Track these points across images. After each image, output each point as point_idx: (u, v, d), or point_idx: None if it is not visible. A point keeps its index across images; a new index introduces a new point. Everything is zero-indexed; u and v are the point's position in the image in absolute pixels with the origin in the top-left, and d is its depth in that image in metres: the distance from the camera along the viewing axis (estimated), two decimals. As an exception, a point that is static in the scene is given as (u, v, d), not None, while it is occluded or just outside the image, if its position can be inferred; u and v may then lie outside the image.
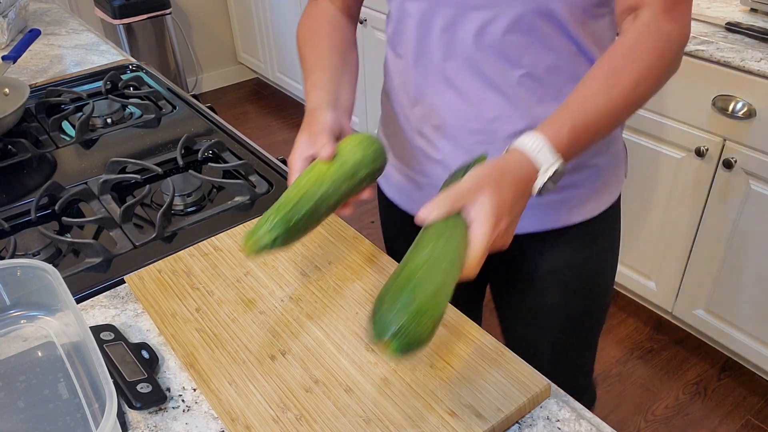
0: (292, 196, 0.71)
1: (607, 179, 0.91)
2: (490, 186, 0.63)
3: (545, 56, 0.79)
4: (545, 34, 0.77)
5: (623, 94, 0.70)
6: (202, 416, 0.68)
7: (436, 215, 0.63)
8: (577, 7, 0.76)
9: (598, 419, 0.67)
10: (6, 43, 1.64)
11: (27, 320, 0.77)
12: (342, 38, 0.91)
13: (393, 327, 0.56)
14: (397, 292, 0.58)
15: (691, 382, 1.86)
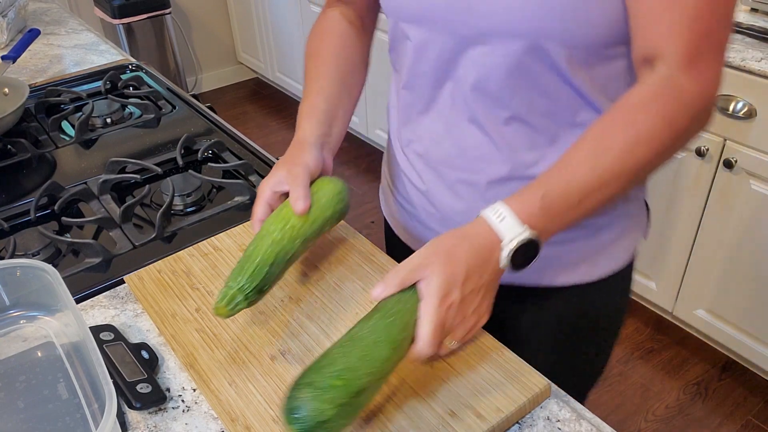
0: (265, 257, 0.72)
1: (609, 242, 0.81)
2: (439, 259, 0.61)
3: (538, 100, 0.71)
4: (538, 75, 0.69)
5: (613, 163, 0.63)
6: (202, 416, 0.68)
7: (386, 294, 0.62)
8: (577, 48, 0.66)
9: (598, 419, 0.67)
10: (5, 43, 1.64)
11: (27, 320, 0.77)
12: (348, 58, 0.88)
13: (293, 404, 0.55)
14: (309, 370, 0.57)
15: (692, 382, 1.86)
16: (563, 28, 0.64)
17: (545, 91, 0.70)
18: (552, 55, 0.66)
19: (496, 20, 0.66)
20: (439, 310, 0.60)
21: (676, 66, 0.62)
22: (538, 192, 0.63)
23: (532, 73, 0.69)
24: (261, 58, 3.53)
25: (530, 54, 0.67)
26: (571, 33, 0.64)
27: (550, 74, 0.69)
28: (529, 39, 0.66)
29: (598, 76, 0.69)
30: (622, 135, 0.63)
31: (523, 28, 0.65)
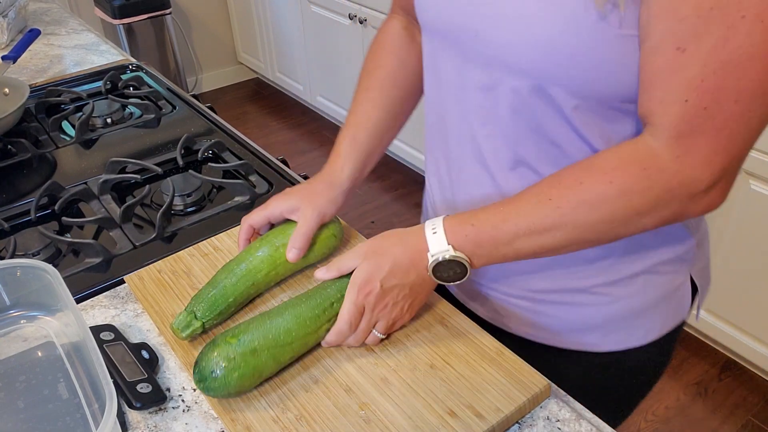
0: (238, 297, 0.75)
1: (626, 315, 0.75)
2: (371, 251, 0.69)
3: (545, 146, 0.67)
4: (544, 120, 0.65)
5: (548, 217, 0.61)
6: (202, 416, 0.68)
7: (327, 276, 0.71)
8: (586, 98, 0.61)
9: (598, 419, 0.67)
10: (6, 43, 1.64)
11: (27, 320, 0.77)
12: (402, 84, 0.84)
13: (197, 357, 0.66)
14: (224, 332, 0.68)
15: (692, 382, 1.86)
16: (570, 74, 0.59)
17: (552, 138, 0.66)
18: (558, 101, 0.62)
19: (500, 51, 0.62)
20: (359, 294, 0.68)
21: (661, 137, 0.57)
22: (471, 220, 0.65)
23: (538, 117, 0.65)
24: (261, 58, 3.53)
25: (535, 96, 0.63)
26: (579, 81, 0.59)
27: (557, 121, 0.64)
28: (534, 79, 0.62)
29: (611, 131, 0.64)
30: (565, 192, 0.61)
31: (528, 66, 0.61)
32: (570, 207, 0.60)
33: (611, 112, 0.62)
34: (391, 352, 0.72)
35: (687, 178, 0.57)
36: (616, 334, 0.77)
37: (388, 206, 2.69)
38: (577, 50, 0.57)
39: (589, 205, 0.60)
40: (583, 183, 0.60)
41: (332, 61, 2.93)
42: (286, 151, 3.08)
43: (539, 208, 0.62)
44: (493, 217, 0.64)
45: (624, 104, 0.61)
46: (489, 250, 0.65)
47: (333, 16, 2.78)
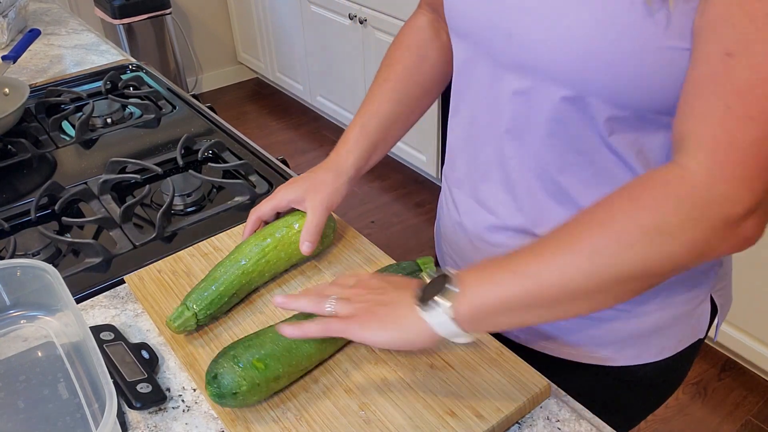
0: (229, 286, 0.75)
1: (643, 332, 0.73)
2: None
3: (573, 159, 0.64)
4: (576, 131, 0.62)
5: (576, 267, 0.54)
6: (202, 416, 0.68)
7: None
8: (623, 108, 0.58)
9: (598, 419, 0.67)
10: (6, 43, 1.64)
11: (27, 320, 0.77)
12: (419, 80, 0.83)
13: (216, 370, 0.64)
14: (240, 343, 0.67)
15: (691, 382, 1.86)
16: (606, 80, 0.56)
17: (579, 147, 0.63)
18: (592, 109, 0.59)
19: (535, 53, 0.59)
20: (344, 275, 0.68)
21: (696, 153, 0.51)
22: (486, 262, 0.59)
23: (570, 130, 0.62)
24: (261, 58, 3.53)
25: (568, 103, 0.60)
26: (618, 90, 0.56)
27: (590, 134, 0.61)
28: (568, 84, 0.58)
29: (649, 146, 0.61)
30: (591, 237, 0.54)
31: (563, 69, 0.58)
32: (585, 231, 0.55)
33: (644, 124, 0.60)
34: (392, 353, 0.72)
35: (720, 197, 0.51)
36: (631, 349, 0.75)
37: (388, 206, 2.69)
38: (616, 53, 0.54)
39: (603, 224, 0.54)
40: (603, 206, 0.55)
41: (332, 61, 2.93)
42: (286, 151, 3.08)
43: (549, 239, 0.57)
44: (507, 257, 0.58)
45: (657, 116, 0.59)
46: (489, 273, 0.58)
47: (333, 16, 2.78)
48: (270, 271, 0.80)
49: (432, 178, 2.76)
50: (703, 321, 0.76)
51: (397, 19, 2.41)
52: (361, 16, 2.59)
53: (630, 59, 0.54)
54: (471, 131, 0.73)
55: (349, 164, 0.82)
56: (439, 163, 2.60)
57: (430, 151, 2.59)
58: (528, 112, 0.64)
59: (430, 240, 2.49)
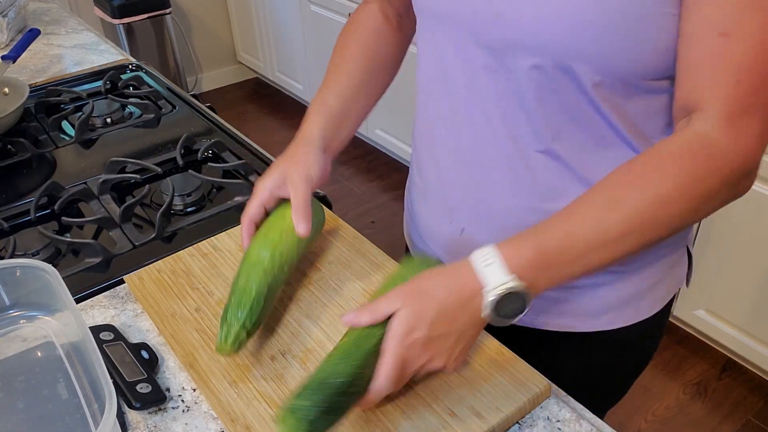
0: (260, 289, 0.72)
1: (639, 290, 0.76)
2: (412, 295, 0.59)
3: (566, 127, 0.65)
4: (566, 100, 0.63)
5: (622, 221, 0.57)
6: (202, 416, 0.68)
7: (357, 322, 0.61)
8: (610, 76, 0.60)
9: (598, 419, 0.67)
10: (5, 43, 1.64)
11: (26, 320, 0.76)
12: (374, 56, 0.84)
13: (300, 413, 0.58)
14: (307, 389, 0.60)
15: (692, 382, 1.86)
16: (596, 51, 0.58)
17: (572, 115, 0.65)
18: (580, 77, 0.61)
19: (523, 32, 0.61)
20: (401, 346, 0.58)
21: (714, 121, 0.56)
22: (533, 241, 0.59)
23: (558, 94, 0.63)
24: (261, 58, 3.53)
25: (558, 72, 0.61)
26: (606, 58, 0.59)
27: (578, 98, 0.63)
28: (556, 57, 0.60)
29: (633, 110, 0.64)
30: (637, 192, 0.58)
31: (552, 45, 0.60)
32: (643, 208, 0.57)
33: (628, 89, 0.62)
34: (391, 352, 0.72)
35: (744, 157, 0.57)
36: (628, 309, 0.77)
37: (388, 206, 2.69)
38: (608, 23, 0.57)
39: (662, 202, 0.57)
40: (651, 181, 0.58)
41: (332, 60, 2.93)
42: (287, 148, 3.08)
43: (608, 215, 0.58)
44: (557, 237, 0.59)
45: (641, 81, 0.61)
46: (554, 274, 0.59)
47: (333, 16, 2.78)
48: (287, 263, 0.76)
49: (432, 177, 2.76)
50: (683, 270, 0.80)
51: (397, 19, 2.41)
52: (361, 15, 2.59)
53: (621, 28, 0.57)
54: (454, 113, 0.72)
55: (315, 135, 0.79)
56: (439, 162, 2.60)
57: (430, 151, 2.58)
58: (515, 84, 0.65)
59: (430, 240, 2.49)
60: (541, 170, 0.69)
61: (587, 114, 0.64)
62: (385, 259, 0.86)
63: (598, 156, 0.67)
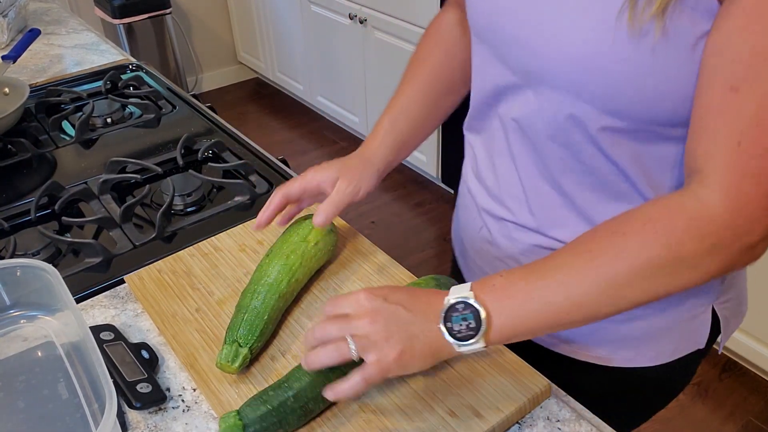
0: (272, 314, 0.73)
1: (643, 336, 0.74)
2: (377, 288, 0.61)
3: (574, 166, 0.65)
4: (574, 139, 0.63)
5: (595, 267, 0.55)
6: (202, 416, 0.68)
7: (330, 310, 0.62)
8: (612, 114, 0.58)
9: (598, 419, 0.67)
10: (6, 43, 1.64)
11: (27, 320, 0.76)
12: (447, 78, 0.83)
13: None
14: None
15: (692, 382, 1.86)
16: (604, 90, 0.57)
17: (580, 158, 0.64)
18: (587, 118, 0.60)
19: (537, 62, 0.60)
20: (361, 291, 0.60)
21: (711, 185, 0.53)
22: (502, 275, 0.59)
23: (569, 133, 0.63)
24: (261, 58, 3.53)
25: (567, 109, 0.61)
26: (613, 99, 0.57)
27: (586, 141, 0.62)
28: (566, 94, 0.59)
29: (643, 157, 0.62)
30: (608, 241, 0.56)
31: (561, 78, 0.59)
32: (609, 257, 0.55)
33: (641, 135, 0.60)
34: (392, 352, 0.72)
35: (742, 231, 0.52)
36: (626, 351, 0.75)
37: (388, 206, 2.69)
38: (610, 62, 0.55)
39: (629, 255, 0.54)
40: (625, 234, 0.55)
41: (332, 61, 2.93)
42: (286, 151, 3.08)
43: (575, 260, 0.56)
44: (524, 269, 0.59)
45: (654, 127, 0.59)
46: (515, 305, 0.57)
47: (333, 16, 2.78)
48: (297, 289, 0.79)
49: (432, 178, 2.76)
50: (702, 332, 0.76)
51: (397, 19, 2.41)
52: (361, 16, 2.59)
53: (622, 70, 0.55)
54: (488, 127, 0.74)
55: (379, 157, 0.81)
56: (439, 163, 2.60)
57: (430, 152, 2.59)
58: (532, 116, 0.65)
59: (430, 240, 2.49)
60: (548, 199, 0.69)
61: (596, 158, 0.63)
62: (385, 259, 0.86)
63: (606, 200, 0.66)
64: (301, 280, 0.78)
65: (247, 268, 0.85)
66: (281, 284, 0.75)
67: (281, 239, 0.81)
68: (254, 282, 0.75)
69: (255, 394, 0.64)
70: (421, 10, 2.29)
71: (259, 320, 0.71)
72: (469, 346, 0.57)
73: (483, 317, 0.56)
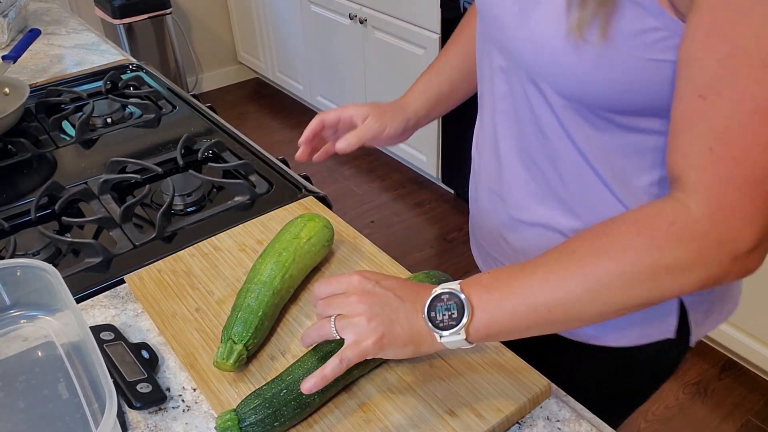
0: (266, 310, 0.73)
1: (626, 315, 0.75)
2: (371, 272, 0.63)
3: (542, 140, 0.68)
4: (540, 111, 0.67)
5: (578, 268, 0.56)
6: (202, 416, 0.68)
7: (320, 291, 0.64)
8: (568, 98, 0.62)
9: (598, 419, 0.67)
10: (6, 43, 1.64)
11: (27, 320, 0.77)
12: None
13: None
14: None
15: (692, 382, 1.86)
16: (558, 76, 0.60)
17: (546, 132, 0.67)
18: (549, 96, 0.64)
19: (508, 41, 0.65)
20: (353, 274, 0.61)
21: (690, 191, 0.53)
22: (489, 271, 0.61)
23: (534, 107, 0.67)
24: (261, 58, 3.53)
25: (531, 86, 0.65)
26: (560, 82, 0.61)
27: (549, 114, 0.65)
28: (528, 71, 0.64)
29: (599, 140, 0.64)
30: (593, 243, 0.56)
31: (523, 59, 0.64)
32: (592, 258, 0.55)
33: (599, 121, 0.62)
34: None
35: (725, 238, 0.52)
36: (590, 329, 0.76)
37: (388, 206, 2.69)
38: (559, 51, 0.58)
39: (612, 257, 0.54)
40: (610, 236, 0.56)
41: (332, 61, 2.93)
42: (286, 151, 3.08)
43: (561, 259, 0.57)
44: (514, 267, 0.59)
45: (610, 114, 0.61)
46: (499, 298, 0.58)
47: (333, 16, 2.78)
48: (293, 286, 0.79)
49: (432, 177, 2.76)
50: (668, 322, 0.75)
51: (397, 19, 2.41)
52: (361, 16, 2.59)
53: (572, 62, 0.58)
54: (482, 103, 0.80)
55: (411, 108, 0.87)
56: (439, 163, 2.60)
57: (430, 151, 2.59)
58: (506, 89, 0.71)
59: (430, 240, 2.49)
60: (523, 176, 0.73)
61: (557, 132, 0.66)
62: (385, 259, 0.86)
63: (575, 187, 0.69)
64: (296, 276, 0.79)
65: (247, 268, 0.86)
66: (274, 281, 0.75)
67: (275, 238, 0.82)
68: (248, 281, 0.76)
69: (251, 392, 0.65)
70: (421, 10, 2.29)
71: (253, 317, 0.72)
72: (450, 336, 0.57)
73: (466, 307, 0.57)
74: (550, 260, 0.58)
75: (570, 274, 0.56)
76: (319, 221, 0.83)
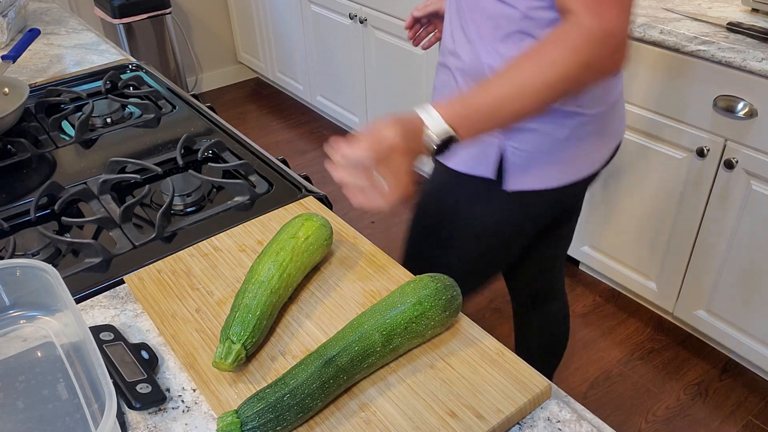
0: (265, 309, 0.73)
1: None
2: (378, 121, 0.77)
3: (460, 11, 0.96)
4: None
5: (523, 79, 0.77)
6: (202, 417, 0.68)
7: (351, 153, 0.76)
8: None
9: (598, 420, 0.67)
10: (6, 43, 1.64)
11: (26, 320, 0.76)
12: None
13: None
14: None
15: (692, 382, 1.86)
16: None
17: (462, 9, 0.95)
18: None
19: None
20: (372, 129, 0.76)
21: (580, 10, 0.76)
22: (460, 101, 0.79)
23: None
24: (261, 58, 3.53)
25: None
26: None
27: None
28: None
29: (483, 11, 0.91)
30: (531, 60, 0.78)
31: None
32: (530, 62, 0.77)
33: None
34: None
35: (608, 29, 0.75)
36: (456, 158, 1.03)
37: (388, 206, 2.69)
38: None
39: (544, 59, 0.77)
40: (539, 49, 0.77)
41: (332, 61, 2.93)
42: (286, 151, 3.08)
43: (508, 71, 0.78)
44: (478, 93, 0.79)
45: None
46: (465, 99, 0.79)
47: (333, 16, 2.78)
48: (291, 285, 0.79)
49: (432, 178, 2.76)
50: (488, 163, 0.99)
51: (397, 19, 2.41)
52: (361, 15, 2.59)
53: None
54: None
55: None
56: (440, 163, 2.60)
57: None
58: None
59: (431, 240, 2.49)
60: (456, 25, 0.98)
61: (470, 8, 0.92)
62: (385, 259, 0.86)
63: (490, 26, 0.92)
64: (294, 275, 0.78)
65: (247, 269, 0.85)
66: (272, 280, 0.75)
67: (273, 238, 0.82)
68: (246, 281, 0.76)
69: (253, 393, 0.64)
70: (421, 10, 2.29)
71: (251, 316, 0.71)
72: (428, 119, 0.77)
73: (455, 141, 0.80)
74: (501, 75, 0.78)
75: (517, 76, 0.78)
76: (316, 220, 0.83)
